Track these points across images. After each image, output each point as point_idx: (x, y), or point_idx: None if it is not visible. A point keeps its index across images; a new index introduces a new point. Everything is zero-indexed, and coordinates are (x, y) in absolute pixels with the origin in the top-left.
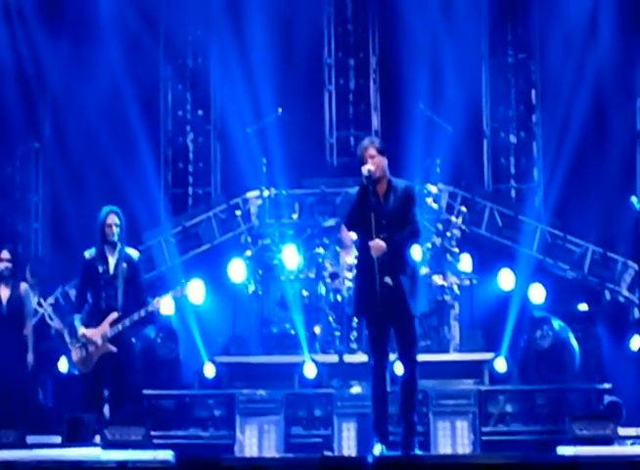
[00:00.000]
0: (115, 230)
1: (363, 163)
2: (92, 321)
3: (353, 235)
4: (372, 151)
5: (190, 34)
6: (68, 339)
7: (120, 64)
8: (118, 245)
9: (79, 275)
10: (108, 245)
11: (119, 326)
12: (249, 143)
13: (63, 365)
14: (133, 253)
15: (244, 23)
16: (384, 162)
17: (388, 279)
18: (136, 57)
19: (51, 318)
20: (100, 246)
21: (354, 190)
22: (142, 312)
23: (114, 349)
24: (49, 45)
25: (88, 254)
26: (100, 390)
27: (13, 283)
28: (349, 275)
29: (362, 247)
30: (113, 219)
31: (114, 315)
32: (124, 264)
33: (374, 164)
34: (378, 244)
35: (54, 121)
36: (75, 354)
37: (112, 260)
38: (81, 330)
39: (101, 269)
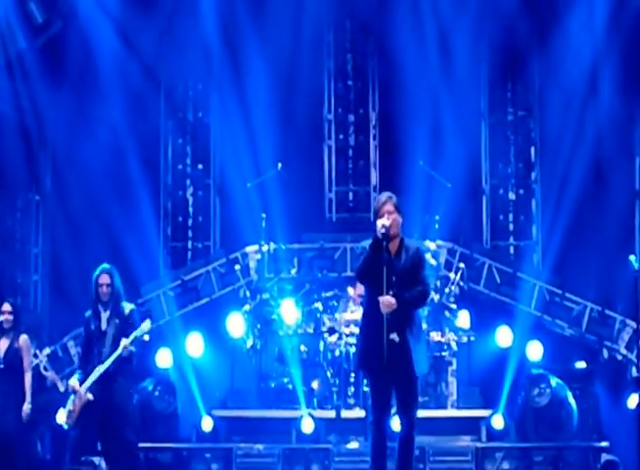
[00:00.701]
0: (107, 290)
1: (379, 216)
2: (86, 377)
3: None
4: (390, 206)
5: (190, 89)
6: (62, 388)
7: (121, 117)
8: (113, 302)
9: (83, 334)
10: (102, 303)
11: (95, 372)
12: (248, 197)
13: (61, 418)
14: (126, 306)
15: (244, 77)
16: (399, 219)
17: (394, 336)
18: (137, 110)
19: (46, 369)
20: (94, 304)
21: (366, 241)
22: (111, 357)
23: (90, 397)
24: (50, 98)
25: (88, 312)
26: (88, 441)
27: (13, 335)
28: (347, 331)
29: (370, 302)
30: (105, 279)
31: (100, 370)
32: (117, 320)
33: (390, 219)
34: (388, 300)
35: (54, 174)
36: (62, 414)
37: (104, 317)
38: (71, 381)
39: (93, 326)
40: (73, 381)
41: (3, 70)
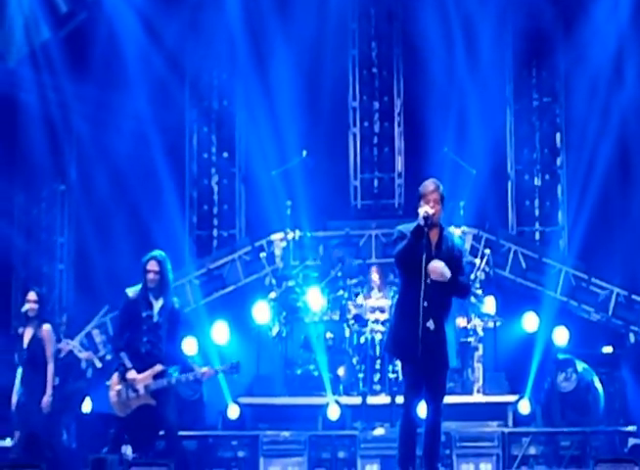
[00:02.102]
0: (154, 277)
1: (425, 202)
2: (131, 363)
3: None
4: (437, 195)
5: (215, 77)
6: (99, 365)
7: (146, 107)
8: (163, 291)
9: (120, 314)
10: (151, 291)
11: (164, 382)
12: (273, 185)
13: (86, 406)
14: (175, 301)
15: (269, 66)
16: (441, 209)
17: (430, 324)
18: (162, 100)
19: (80, 351)
20: (144, 290)
21: (404, 226)
22: (190, 377)
23: (152, 402)
24: (75, 89)
25: (132, 292)
26: (136, 434)
27: (37, 324)
28: (372, 317)
29: (406, 289)
30: (152, 266)
31: (159, 368)
32: (168, 313)
33: (434, 208)
34: (438, 266)
35: (80, 164)
36: (114, 395)
37: (156, 306)
38: (132, 373)
39: (144, 314)
40: (134, 373)
41: (28, 60)
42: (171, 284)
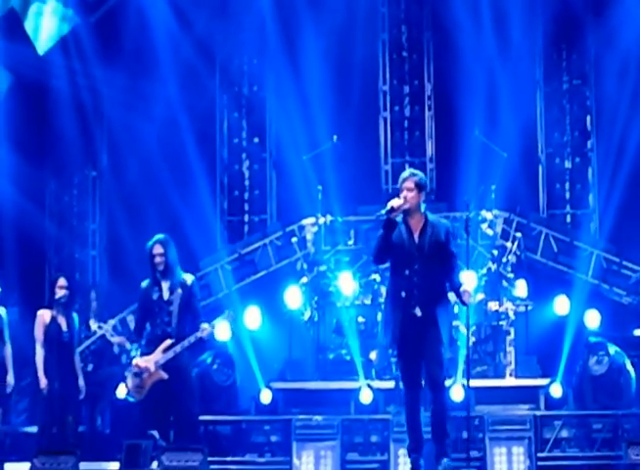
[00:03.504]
0: (161, 260)
1: (399, 193)
2: (149, 349)
3: None
4: (410, 183)
5: (245, 63)
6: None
7: (176, 92)
8: (171, 271)
9: (137, 305)
10: (160, 273)
11: (171, 353)
12: (304, 170)
13: (121, 392)
14: (188, 278)
15: (299, 50)
16: (419, 197)
17: (417, 311)
18: (192, 86)
19: (112, 335)
20: (152, 274)
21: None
22: (192, 338)
23: (165, 375)
24: (105, 75)
25: (145, 283)
26: (156, 416)
27: (68, 311)
28: None
29: (394, 278)
30: (157, 249)
31: (168, 342)
32: (179, 290)
33: (405, 197)
34: (469, 289)
35: (111, 150)
36: (130, 382)
37: (165, 286)
38: (135, 361)
39: (155, 296)
40: (137, 359)
41: (58, 46)
42: (177, 263)
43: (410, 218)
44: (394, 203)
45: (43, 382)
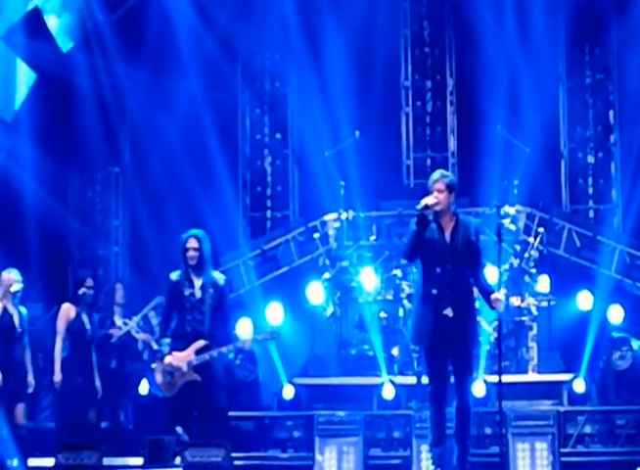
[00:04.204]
0: (195, 254)
1: (430, 193)
2: (177, 344)
3: None
4: (440, 185)
5: (267, 59)
6: (155, 347)
7: (199, 88)
8: (203, 269)
9: (165, 298)
10: (192, 268)
11: (206, 356)
12: (326, 166)
13: (144, 388)
14: (219, 277)
15: (321, 46)
16: (449, 198)
17: (449, 311)
18: (214, 82)
19: (137, 332)
20: (185, 269)
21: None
22: (231, 347)
23: (197, 377)
24: (128, 71)
25: (174, 275)
26: (184, 412)
27: (91, 309)
28: None
29: (424, 277)
30: (192, 243)
31: (201, 343)
32: (211, 289)
33: (436, 198)
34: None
35: (133, 146)
36: (160, 377)
37: (197, 283)
38: (167, 359)
39: (187, 292)
40: (169, 358)
41: (81, 43)
42: (210, 260)
43: (441, 218)
44: (428, 200)
45: (58, 376)
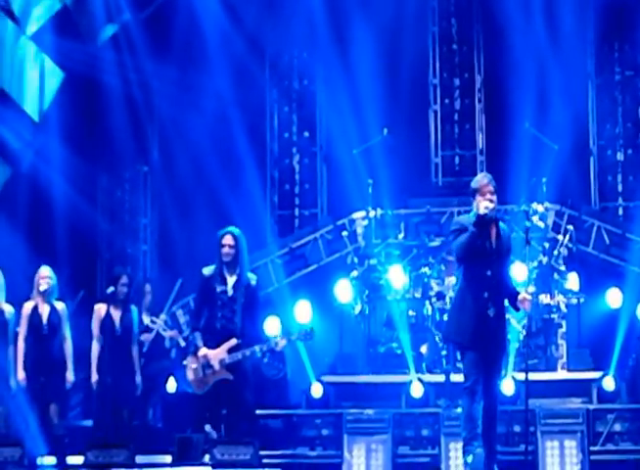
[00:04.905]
0: (230, 251)
1: (481, 195)
2: (205, 340)
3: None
4: (492, 188)
5: (295, 57)
6: (183, 344)
7: (227, 87)
8: (238, 267)
9: (197, 292)
10: (226, 265)
11: (239, 355)
12: (354, 164)
13: (171, 386)
14: (252, 277)
15: (349, 44)
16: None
17: (491, 311)
18: (242, 80)
19: (165, 330)
20: (219, 265)
21: (463, 217)
22: (264, 347)
23: (230, 376)
24: (156, 70)
25: (207, 271)
26: (215, 410)
27: (125, 306)
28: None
29: (469, 278)
30: (228, 240)
31: (234, 342)
32: (243, 288)
33: (493, 202)
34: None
35: (162, 145)
36: (191, 374)
37: (230, 281)
38: (203, 350)
39: (219, 289)
40: (205, 350)
41: (109, 42)
42: (246, 260)
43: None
44: (489, 204)
45: (94, 377)
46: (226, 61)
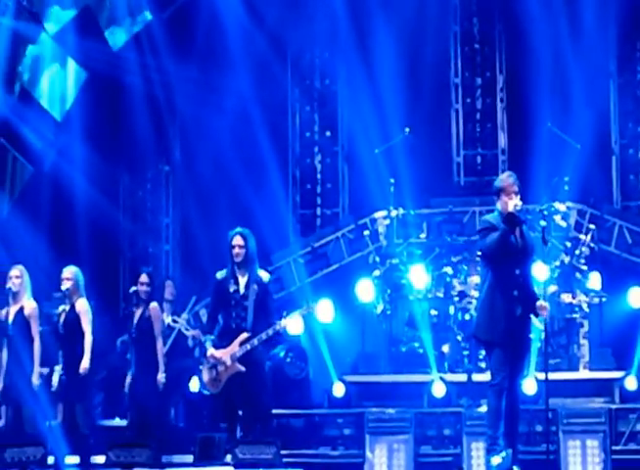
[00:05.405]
0: (240, 251)
1: (506, 194)
2: (222, 342)
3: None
4: (517, 187)
5: (317, 57)
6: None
7: (248, 86)
8: (249, 266)
9: (211, 296)
10: (238, 266)
11: (247, 346)
12: (376, 163)
13: (194, 385)
14: (264, 275)
15: (370, 43)
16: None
17: (518, 310)
18: (264, 80)
19: (187, 329)
20: (231, 266)
21: (490, 217)
22: (270, 332)
23: (242, 368)
24: (178, 70)
25: (220, 274)
26: (230, 409)
27: (147, 305)
28: (477, 294)
29: (498, 277)
30: (238, 241)
31: (244, 336)
32: (255, 286)
33: (520, 201)
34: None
35: (184, 144)
36: (205, 375)
37: (242, 281)
38: (210, 351)
39: (231, 289)
40: (212, 350)
41: (131, 42)
42: (256, 258)
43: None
44: (518, 202)
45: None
46: (248, 60)
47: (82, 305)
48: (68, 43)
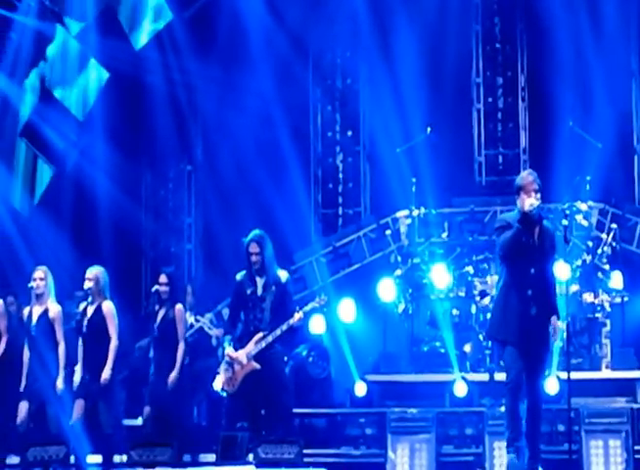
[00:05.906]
0: (257, 259)
1: (525, 192)
2: (242, 343)
3: None
4: (536, 185)
5: (339, 56)
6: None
7: (270, 86)
8: (267, 269)
9: (231, 297)
10: (255, 270)
11: (262, 343)
12: (398, 163)
13: (217, 384)
14: (282, 275)
15: (392, 43)
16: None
17: (534, 310)
18: (286, 79)
19: (210, 328)
20: (249, 269)
21: (507, 215)
22: (283, 327)
23: (257, 366)
24: (200, 69)
25: (239, 276)
26: (251, 409)
27: (169, 305)
28: None
29: (512, 276)
30: (254, 248)
31: (260, 335)
32: (273, 287)
33: (538, 200)
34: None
35: (205, 144)
36: (223, 375)
37: (260, 282)
38: (227, 350)
39: (249, 291)
40: (229, 350)
41: (153, 42)
42: (274, 261)
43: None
44: (534, 202)
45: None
46: (269, 60)
47: (109, 309)
48: (91, 43)
